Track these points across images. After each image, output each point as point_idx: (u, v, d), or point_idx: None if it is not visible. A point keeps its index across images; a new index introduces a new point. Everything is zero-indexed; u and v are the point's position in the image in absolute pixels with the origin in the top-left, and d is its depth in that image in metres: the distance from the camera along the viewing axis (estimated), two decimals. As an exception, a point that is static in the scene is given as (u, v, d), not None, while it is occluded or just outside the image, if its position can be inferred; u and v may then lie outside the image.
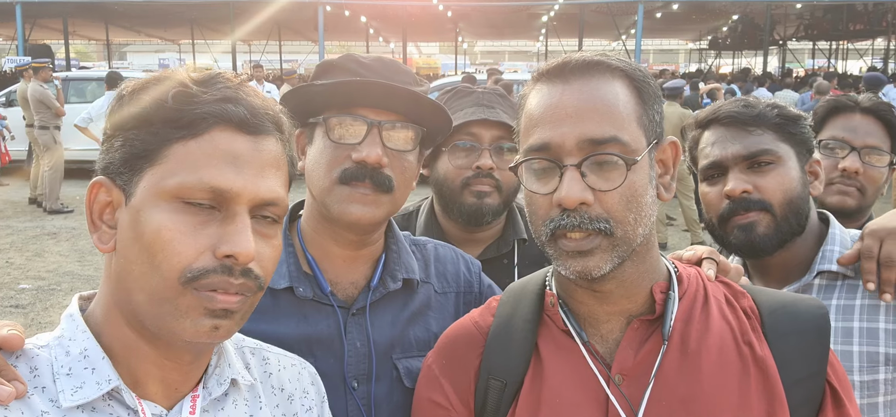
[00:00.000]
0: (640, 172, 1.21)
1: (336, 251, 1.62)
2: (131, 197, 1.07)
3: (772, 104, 1.85)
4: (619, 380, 1.25)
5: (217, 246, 1.06)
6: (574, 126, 1.20)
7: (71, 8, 27.64)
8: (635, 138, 1.21)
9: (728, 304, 1.32)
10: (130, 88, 1.12)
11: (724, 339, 1.25)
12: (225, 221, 1.07)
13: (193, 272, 1.04)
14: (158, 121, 1.06)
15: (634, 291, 1.28)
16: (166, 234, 1.03)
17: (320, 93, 1.56)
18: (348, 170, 1.52)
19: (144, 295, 1.06)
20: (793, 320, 1.28)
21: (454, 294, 1.75)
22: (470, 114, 2.12)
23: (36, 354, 1.09)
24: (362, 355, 1.58)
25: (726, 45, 40.64)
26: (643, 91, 1.25)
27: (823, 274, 1.82)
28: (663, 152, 1.29)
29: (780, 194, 1.77)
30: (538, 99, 1.26)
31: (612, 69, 1.24)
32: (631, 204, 1.20)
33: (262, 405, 1.26)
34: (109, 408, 1.08)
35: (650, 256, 1.29)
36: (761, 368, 1.23)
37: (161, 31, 40.54)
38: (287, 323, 1.56)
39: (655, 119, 1.26)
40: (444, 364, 1.41)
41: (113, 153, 1.09)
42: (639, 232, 1.22)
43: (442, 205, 2.23)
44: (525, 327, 1.35)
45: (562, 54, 1.32)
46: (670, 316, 1.26)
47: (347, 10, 28.87)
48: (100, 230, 1.10)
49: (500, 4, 29.25)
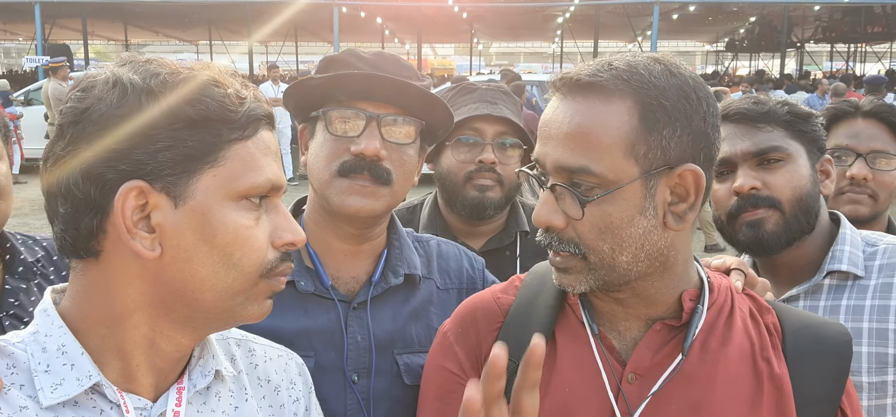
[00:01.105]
0: (620, 203, 1.15)
1: (337, 245, 1.64)
2: (186, 199, 1.03)
3: (782, 101, 1.83)
4: (632, 379, 1.24)
5: (275, 236, 1.11)
6: (554, 148, 1.19)
7: (90, 8, 27.90)
8: (616, 168, 1.14)
9: (752, 319, 1.30)
10: (159, 82, 1.03)
11: (742, 352, 1.24)
12: (269, 211, 1.12)
13: (269, 264, 1.10)
14: (216, 121, 1.04)
15: (655, 301, 1.26)
16: (245, 233, 1.06)
17: (320, 87, 1.57)
18: (347, 162, 1.53)
19: (215, 293, 1.07)
20: (815, 342, 1.26)
21: (456, 290, 1.75)
22: (473, 110, 2.16)
23: (12, 351, 1.06)
24: (363, 349, 1.59)
25: (743, 48, 40.39)
26: (650, 114, 1.15)
27: (834, 274, 1.80)
28: (679, 178, 1.18)
29: (790, 191, 1.75)
30: (546, 109, 1.25)
31: (609, 90, 1.16)
32: (604, 233, 1.17)
33: (247, 396, 1.25)
34: (92, 402, 1.06)
35: (672, 272, 1.24)
36: (776, 385, 1.22)
37: (179, 32, 40.84)
38: (287, 317, 1.56)
39: (667, 144, 1.15)
40: (459, 332, 1.41)
41: (154, 156, 1.01)
42: (621, 259, 1.18)
43: (445, 199, 2.26)
44: (545, 312, 1.34)
45: (577, 56, 1.30)
46: (695, 328, 1.24)
47: (363, 12, 28.98)
48: (137, 237, 1.02)
49: (515, 5, 29.23)
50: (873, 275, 1.77)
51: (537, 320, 1.34)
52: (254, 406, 1.25)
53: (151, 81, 1.03)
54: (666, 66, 1.19)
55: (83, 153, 1.01)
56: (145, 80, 1.03)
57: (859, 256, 1.80)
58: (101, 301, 1.07)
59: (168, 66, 1.07)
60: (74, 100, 1.04)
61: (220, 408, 1.19)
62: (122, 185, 1.00)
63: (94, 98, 1.02)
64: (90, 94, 1.03)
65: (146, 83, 1.03)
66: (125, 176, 1.01)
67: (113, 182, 1.01)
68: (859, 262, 1.79)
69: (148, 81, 1.03)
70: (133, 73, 1.04)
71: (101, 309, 1.07)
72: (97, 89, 1.03)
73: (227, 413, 1.20)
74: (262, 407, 1.27)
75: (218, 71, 1.10)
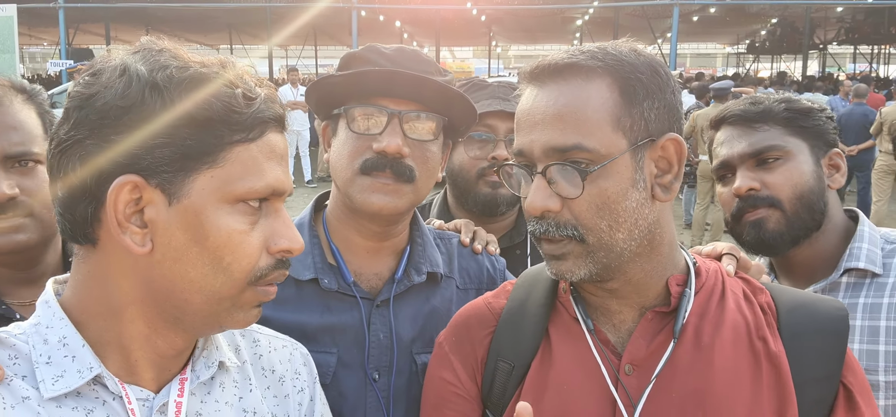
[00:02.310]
0: (614, 177, 1.17)
1: (360, 242, 1.63)
2: (181, 197, 1.01)
3: (781, 99, 1.84)
4: (629, 370, 1.24)
5: (271, 242, 1.08)
6: (541, 133, 1.19)
7: (113, 13, 28.27)
8: (607, 142, 1.17)
9: (745, 299, 1.30)
10: (165, 76, 1.01)
11: (737, 333, 1.24)
12: (268, 216, 1.09)
13: (260, 271, 1.07)
14: (218, 122, 1.02)
15: (645, 287, 1.27)
16: (237, 237, 1.04)
17: (341, 85, 1.57)
18: (369, 160, 1.52)
19: (202, 296, 1.05)
20: (810, 319, 1.26)
21: (475, 291, 1.74)
22: (486, 106, 2.13)
23: (14, 343, 1.05)
24: (385, 347, 1.59)
25: (765, 49, 40.00)
26: (630, 88, 1.19)
27: (851, 272, 1.78)
28: (662, 150, 1.22)
29: (789, 189, 1.76)
30: (520, 102, 1.26)
31: (588, 69, 1.19)
32: (602, 210, 1.18)
33: (252, 386, 1.24)
34: (94, 393, 1.05)
35: (659, 253, 1.26)
36: (773, 364, 1.22)
37: (200, 36, 41.19)
38: (310, 314, 1.57)
39: (648, 116, 1.20)
40: (454, 341, 1.42)
41: (151, 151, 0.99)
42: (617, 237, 1.19)
43: (456, 196, 2.25)
44: (537, 311, 1.35)
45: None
46: (684, 312, 1.25)
47: (381, 15, 29.07)
48: (128, 231, 1.01)
49: (534, 8, 29.19)
50: (892, 273, 1.75)
51: (530, 320, 1.35)
52: (258, 396, 1.24)
53: (158, 75, 1.00)
54: (632, 47, 1.24)
55: (83, 140, 1.00)
56: (152, 73, 1.00)
57: (878, 254, 1.78)
58: (98, 292, 1.07)
59: (180, 58, 1.04)
60: (82, 84, 1.03)
61: (223, 399, 1.19)
62: (116, 178, 0.99)
63: (101, 85, 1.01)
64: (98, 80, 1.02)
65: (152, 76, 1.00)
66: (121, 168, 0.99)
67: (108, 173, 0.99)
68: (877, 260, 1.77)
69: (154, 74, 1.00)
70: (141, 64, 1.02)
71: (98, 301, 1.07)
72: (105, 76, 1.02)
73: (231, 403, 1.20)
74: (267, 397, 1.27)
75: (234, 69, 1.07)
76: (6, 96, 1.58)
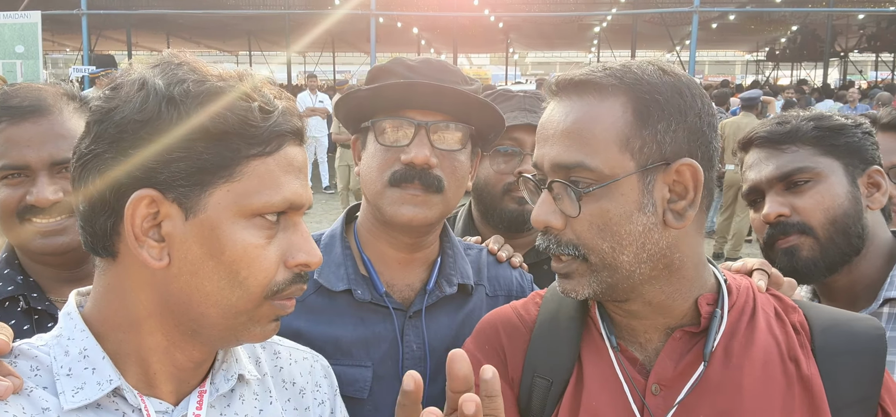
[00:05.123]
0: (618, 198, 1.15)
1: (391, 253, 1.64)
2: (197, 212, 1.01)
3: (810, 116, 1.72)
4: (656, 390, 1.21)
5: (289, 256, 1.08)
6: (551, 147, 1.19)
7: (134, 20, 28.58)
8: (611, 163, 1.14)
9: (777, 318, 1.26)
10: (182, 91, 1.01)
11: (768, 354, 1.20)
12: (287, 229, 1.09)
13: (276, 285, 1.07)
14: (234, 135, 1.02)
15: (668, 308, 1.24)
16: (253, 252, 1.03)
17: (369, 98, 1.57)
18: (398, 171, 1.53)
19: (218, 309, 1.05)
20: (846, 340, 1.21)
21: (505, 297, 1.73)
22: (512, 119, 2.06)
23: (36, 354, 1.07)
24: (418, 358, 1.59)
25: (785, 57, 39.62)
26: (645, 109, 1.15)
27: (892, 301, 1.64)
28: (677, 175, 1.17)
29: (821, 214, 1.64)
30: (544, 113, 1.26)
31: (604, 87, 1.17)
32: (603, 231, 1.16)
33: (272, 399, 1.23)
34: (114, 405, 1.06)
35: (680, 275, 1.22)
36: (806, 387, 1.18)
37: (220, 43, 41.56)
38: (344, 326, 1.58)
39: (662, 138, 1.15)
40: (481, 341, 1.39)
41: (168, 165, 1.00)
42: (622, 259, 1.16)
43: (481, 211, 2.21)
44: (570, 326, 1.33)
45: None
46: (714, 334, 1.21)
47: (400, 22, 29.16)
48: (145, 245, 1.02)
49: (552, 15, 29.16)
50: None
51: (564, 336, 1.33)
52: (278, 408, 1.24)
53: (175, 89, 1.00)
54: (659, 66, 1.20)
55: (102, 153, 1.01)
56: (169, 87, 1.01)
57: None
58: (118, 304, 1.08)
59: (199, 72, 1.04)
60: (103, 98, 1.04)
61: (243, 411, 1.19)
62: (134, 192, 1.00)
63: (120, 99, 1.02)
64: (118, 95, 1.03)
65: (169, 90, 1.00)
66: (139, 182, 1.00)
67: (126, 187, 1.00)
68: None
69: (171, 88, 1.00)
70: (159, 78, 1.02)
71: (118, 314, 1.08)
72: (124, 90, 1.03)
73: (251, 415, 1.20)
74: (287, 410, 1.27)
75: (252, 82, 1.07)
76: (57, 104, 1.62)
